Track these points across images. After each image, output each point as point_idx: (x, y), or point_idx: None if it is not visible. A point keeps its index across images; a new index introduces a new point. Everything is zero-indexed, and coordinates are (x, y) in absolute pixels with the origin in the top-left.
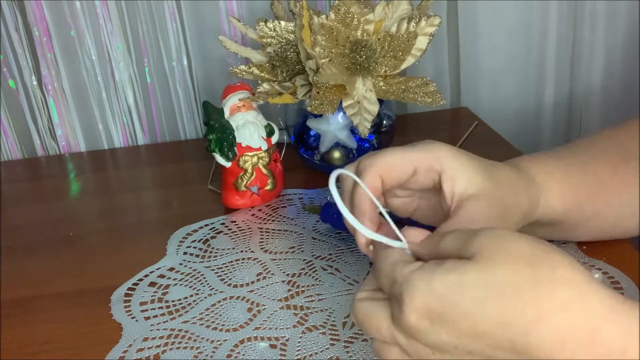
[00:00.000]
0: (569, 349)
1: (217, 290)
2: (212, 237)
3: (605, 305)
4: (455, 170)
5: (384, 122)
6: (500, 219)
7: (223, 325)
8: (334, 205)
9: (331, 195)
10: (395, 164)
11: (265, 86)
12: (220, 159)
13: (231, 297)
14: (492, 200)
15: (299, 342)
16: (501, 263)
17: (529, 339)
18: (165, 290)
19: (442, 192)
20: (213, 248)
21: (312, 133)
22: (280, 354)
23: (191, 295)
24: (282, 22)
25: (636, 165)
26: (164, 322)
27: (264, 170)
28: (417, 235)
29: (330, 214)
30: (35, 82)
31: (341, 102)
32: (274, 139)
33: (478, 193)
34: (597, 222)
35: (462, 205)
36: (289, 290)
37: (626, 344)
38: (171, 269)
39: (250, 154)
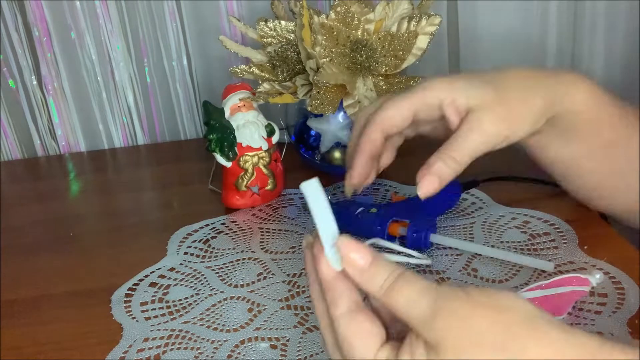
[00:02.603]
0: None
1: (217, 290)
2: (213, 237)
3: None
4: (453, 94)
5: None
6: (507, 121)
7: (223, 325)
8: (334, 205)
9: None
10: (391, 116)
11: (266, 86)
12: (220, 159)
13: (232, 298)
14: (495, 106)
15: (300, 342)
16: (472, 354)
17: None
18: (165, 291)
19: (446, 119)
20: (213, 248)
21: (312, 133)
22: (281, 355)
23: (192, 296)
24: (283, 22)
25: None
26: (164, 322)
27: (265, 170)
28: (352, 247)
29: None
30: (35, 82)
31: (342, 102)
32: (275, 138)
33: (480, 103)
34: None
35: (465, 119)
36: (290, 290)
37: None
38: (172, 269)
39: (250, 153)
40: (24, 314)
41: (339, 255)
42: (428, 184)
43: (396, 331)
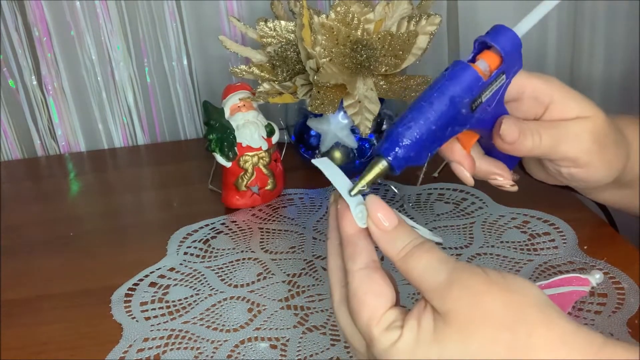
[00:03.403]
0: None
1: (217, 290)
2: (213, 237)
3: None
4: (565, 96)
5: (385, 121)
6: (603, 150)
7: (223, 325)
8: None
9: (325, 199)
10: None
11: (266, 86)
12: (220, 159)
13: (231, 298)
14: (601, 135)
15: (300, 342)
16: (478, 330)
17: None
18: (165, 291)
19: (546, 114)
20: (213, 248)
21: (312, 133)
22: (281, 355)
23: (191, 296)
24: (283, 22)
25: None
26: (164, 322)
27: (265, 170)
28: (380, 207)
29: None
30: (35, 82)
31: (342, 102)
32: (275, 138)
33: (592, 115)
34: None
35: (571, 119)
36: (290, 290)
37: None
38: (171, 269)
39: (250, 153)
40: (24, 314)
41: (365, 213)
42: (510, 127)
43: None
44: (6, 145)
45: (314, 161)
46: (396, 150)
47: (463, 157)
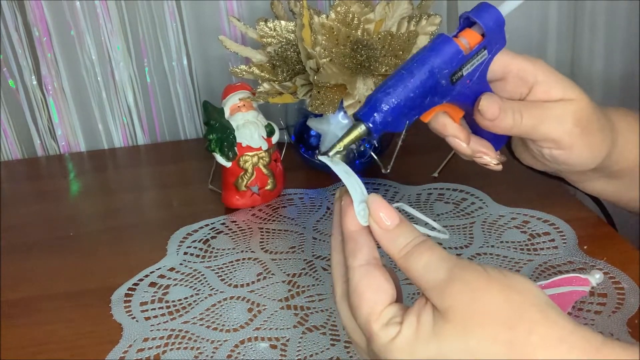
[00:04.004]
0: None
1: (217, 290)
2: (213, 237)
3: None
4: (550, 78)
5: None
6: (586, 133)
7: (223, 325)
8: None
9: (325, 199)
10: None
11: (266, 86)
12: (220, 159)
13: (231, 297)
14: (583, 118)
15: (300, 342)
16: (478, 327)
17: None
18: (165, 291)
19: (530, 94)
20: (213, 248)
21: (312, 133)
22: (281, 355)
23: (191, 296)
24: (283, 22)
25: None
26: (164, 322)
27: (265, 170)
28: (381, 206)
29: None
30: (35, 82)
31: (342, 102)
32: (275, 138)
33: (576, 98)
34: None
35: (554, 101)
36: (290, 290)
37: None
38: (171, 269)
39: (250, 153)
40: (24, 314)
41: (367, 211)
42: (490, 103)
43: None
44: (6, 145)
45: (319, 157)
46: (375, 115)
47: (457, 130)
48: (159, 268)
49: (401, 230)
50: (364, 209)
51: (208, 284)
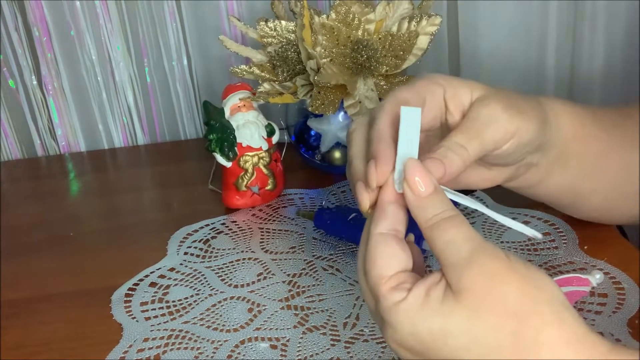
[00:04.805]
0: None
1: (217, 290)
2: (213, 237)
3: None
4: (454, 87)
5: None
6: (517, 110)
7: (223, 325)
8: (327, 211)
9: (326, 200)
10: (404, 98)
11: (266, 86)
12: (220, 159)
13: (232, 298)
14: (502, 97)
15: (300, 342)
16: (488, 313)
17: None
18: (165, 291)
19: (447, 111)
20: (213, 248)
21: (312, 133)
22: (281, 355)
23: (192, 296)
24: (283, 22)
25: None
26: (164, 322)
27: (265, 170)
28: (418, 172)
29: (323, 220)
30: (35, 82)
31: (342, 102)
32: (275, 138)
33: (485, 94)
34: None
35: (472, 108)
36: (290, 290)
37: None
38: (172, 269)
39: (250, 153)
40: (24, 314)
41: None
42: (425, 176)
43: None
44: (6, 145)
45: (402, 108)
46: None
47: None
48: (159, 268)
49: (433, 200)
50: (401, 173)
51: (208, 284)
